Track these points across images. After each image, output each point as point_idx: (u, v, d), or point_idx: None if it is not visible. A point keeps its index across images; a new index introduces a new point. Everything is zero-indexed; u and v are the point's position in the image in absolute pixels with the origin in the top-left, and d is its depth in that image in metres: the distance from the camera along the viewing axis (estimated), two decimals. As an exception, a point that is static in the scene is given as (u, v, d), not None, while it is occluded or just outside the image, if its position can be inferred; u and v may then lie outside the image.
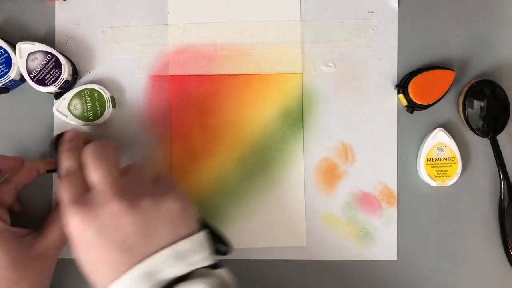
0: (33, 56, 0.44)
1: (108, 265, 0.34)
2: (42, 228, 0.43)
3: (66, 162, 0.39)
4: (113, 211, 0.34)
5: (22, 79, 0.45)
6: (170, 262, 0.34)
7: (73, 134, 0.42)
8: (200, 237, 0.36)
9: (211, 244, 0.37)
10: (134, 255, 0.34)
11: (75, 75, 0.46)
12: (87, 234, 0.34)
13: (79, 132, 0.43)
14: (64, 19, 0.47)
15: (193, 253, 0.35)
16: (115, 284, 0.33)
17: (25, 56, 0.44)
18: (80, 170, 0.38)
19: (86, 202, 0.35)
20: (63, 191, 0.36)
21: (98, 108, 0.45)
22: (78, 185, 0.37)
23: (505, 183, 0.45)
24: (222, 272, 0.36)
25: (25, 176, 0.42)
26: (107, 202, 0.35)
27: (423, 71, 0.44)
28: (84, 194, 0.36)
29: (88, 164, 0.37)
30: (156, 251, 0.34)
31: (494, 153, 0.45)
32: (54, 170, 0.44)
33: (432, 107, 0.45)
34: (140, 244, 0.34)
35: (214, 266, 0.36)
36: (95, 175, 0.36)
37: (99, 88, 0.45)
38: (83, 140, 0.41)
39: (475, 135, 0.46)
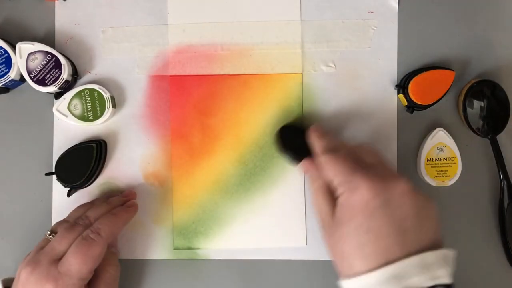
0: (33, 56, 0.44)
1: (383, 239, 0.34)
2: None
3: (328, 142, 0.40)
4: (401, 188, 0.35)
5: (22, 79, 0.45)
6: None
7: (318, 124, 0.43)
8: (444, 252, 0.35)
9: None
10: (408, 239, 0.34)
11: (75, 75, 0.46)
12: (374, 202, 0.35)
13: (320, 124, 0.44)
14: (64, 19, 0.47)
15: (438, 266, 0.34)
16: (387, 268, 0.33)
17: (25, 56, 0.44)
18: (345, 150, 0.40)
19: (372, 173, 0.36)
20: (339, 162, 0.37)
21: (98, 108, 0.45)
22: (352, 160, 0.38)
23: (505, 183, 0.45)
24: None
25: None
26: (396, 180, 0.36)
27: (423, 71, 0.44)
28: (364, 167, 0.37)
29: (363, 148, 0.40)
30: (422, 247, 0.34)
31: (494, 153, 0.45)
32: (53, 173, 0.44)
33: (432, 107, 0.45)
34: (414, 230, 0.34)
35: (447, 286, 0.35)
36: (376, 157, 0.39)
37: (99, 88, 0.45)
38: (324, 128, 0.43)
39: (475, 135, 0.46)
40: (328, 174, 0.38)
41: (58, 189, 0.46)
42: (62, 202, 0.46)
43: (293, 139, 0.43)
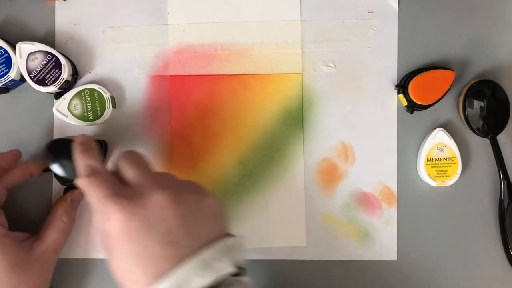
0: (33, 56, 0.44)
1: (150, 260, 0.32)
2: (39, 231, 0.42)
3: (88, 162, 0.37)
4: (158, 202, 0.33)
5: (22, 79, 0.45)
6: (219, 258, 0.33)
7: (85, 137, 0.40)
8: (239, 238, 0.36)
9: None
10: (177, 250, 0.33)
11: (75, 75, 0.46)
12: (131, 227, 0.33)
13: (88, 135, 0.41)
14: (64, 19, 0.47)
15: (237, 251, 0.35)
16: (161, 284, 0.31)
17: (25, 56, 0.44)
18: (106, 168, 0.38)
19: (127, 195, 0.34)
20: (93, 189, 0.35)
21: (98, 108, 0.45)
22: (110, 181, 0.36)
23: (505, 183, 0.45)
24: (248, 281, 0.35)
25: (18, 176, 0.42)
26: (151, 194, 0.34)
27: (423, 71, 0.44)
28: (121, 188, 0.35)
29: (123, 163, 0.37)
30: (196, 248, 0.33)
31: (494, 153, 0.45)
32: (49, 170, 0.44)
33: (432, 107, 0.45)
34: (182, 237, 0.33)
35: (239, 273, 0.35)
36: (133, 171, 0.36)
37: (99, 88, 0.45)
38: (94, 142, 0.40)
39: (475, 135, 0.46)
40: (89, 200, 0.36)
41: (59, 188, 0.46)
42: (62, 202, 0.46)
43: (64, 154, 0.40)
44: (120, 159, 0.38)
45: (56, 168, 0.41)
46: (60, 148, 0.41)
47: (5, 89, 0.46)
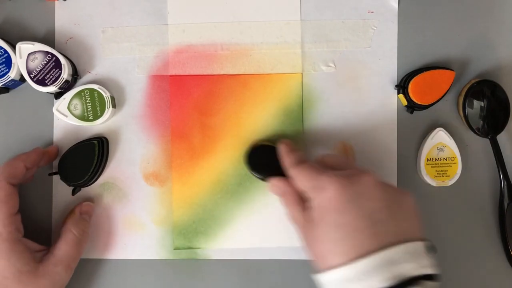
0: (33, 56, 0.44)
1: (357, 233, 0.34)
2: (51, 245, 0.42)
3: (295, 156, 0.41)
4: (368, 182, 0.36)
5: (22, 79, 0.45)
6: (410, 258, 0.34)
7: (286, 141, 0.43)
8: (428, 243, 0.36)
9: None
10: (383, 230, 0.34)
11: (75, 75, 0.46)
12: (342, 198, 0.35)
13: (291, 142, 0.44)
14: (64, 19, 0.47)
15: (427, 256, 0.35)
16: (357, 264, 0.33)
17: (25, 56, 0.44)
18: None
19: (337, 173, 0.37)
20: (305, 171, 0.39)
21: (98, 108, 0.45)
22: (317, 166, 0.39)
23: (505, 183, 0.45)
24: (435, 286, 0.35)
25: (28, 172, 0.43)
26: (361, 174, 0.37)
27: (423, 71, 0.44)
28: (329, 169, 0.38)
29: (332, 157, 0.41)
30: (401, 237, 0.34)
31: (494, 153, 0.45)
32: (57, 172, 0.44)
33: (432, 107, 0.45)
34: (387, 220, 0.35)
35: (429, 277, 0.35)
36: (342, 160, 0.41)
37: (99, 88, 0.45)
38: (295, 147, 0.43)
39: (475, 135, 0.46)
40: (299, 185, 0.39)
41: (59, 189, 0.46)
42: (63, 202, 0.46)
43: (263, 158, 0.44)
44: (328, 156, 0.42)
45: (256, 173, 0.44)
46: (259, 154, 0.44)
47: (5, 89, 0.46)
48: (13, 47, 0.44)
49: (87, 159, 0.44)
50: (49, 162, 0.45)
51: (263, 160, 0.44)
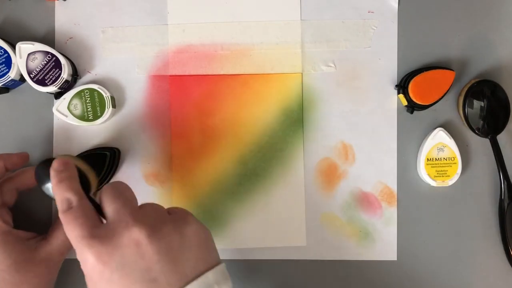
0: (33, 56, 0.44)
1: None
2: (47, 232, 0.42)
3: (64, 194, 0.35)
4: (134, 239, 0.32)
5: (22, 79, 0.45)
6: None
7: (61, 162, 0.36)
8: (222, 266, 0.35)
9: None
10: (161, 286, 0.32)
11: (75, 75, 0.46)
12: (106, 271, 0.31)
13: (67, 159, 0.37)
14: (64, 19, 0.47)
15: (219, 284, 0.33)
16: None
17: (25, 56, 0.44)
18: (84, 201, 0.35)
19: (101, 235, 0.32)
20: (70, 227, 0.33)
21: (98, 108, 0.45)
22: (86, 218, 0.33)
23: (505, 183, 0.45)
24: None
25: (30, 178, 0.41)
26: (126, 231, 0.32)
27: (423, 71, 0.44)
28: (96, 227, 0.33)
29: (104, 197, 0.35)
30: (183, 283, 0.32)
31: (494, 153, 0.45)
32: None
33: (432, 107, 0.45)
34: (165, 274, 0.32)
35: None
36: (111, 207, 0.34)
37: (99, 88, 0.45)
38: (74, 167, 0.37)
39: (475, 135, 0.46)
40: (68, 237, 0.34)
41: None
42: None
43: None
44: (102, 192, 0.35)
45: (46, 191, 0.38)
46: (46, 170, 0.37)
47: (5, 89, 0.46)
48: (13, 47, 0.44)
49: (96, 169, 0.43)
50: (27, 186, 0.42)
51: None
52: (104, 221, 0.35)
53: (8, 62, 0.44)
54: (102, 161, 0.44)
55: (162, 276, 0.32)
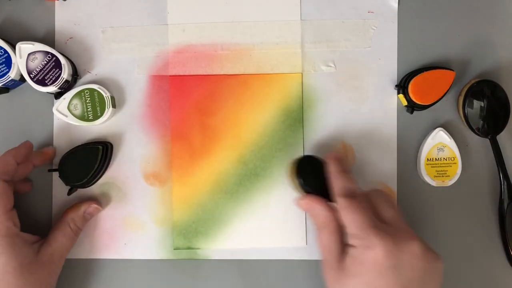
0: (33, 56, 0.44)
1: None
2: (47, 235, 0.43)
3: (346, 183, 0.40)
4: (414, 251, 0.36)
5: (22, 79, 0.45)
6: None
7: (339, 155, 0.42)
8: None
9: None
10: None
11: (75, 75, 0.46)
12: (386, 263, 0.35)
13: (341, 155, 0.44)
14: (64, 19, 0.47)
15: None
16: None
17: (25, 56, 0.44)
18: (362, 194, 0.40)
19: (387, 231, 0.37)
20: (357, 212, 0.37)
21: (98, 108, 0.45)
22: (370, 212, 0.38)
23: (505, 183, 0.45)
24: None
25: (21, 169, 0.42)
26: (409, 241, 0.36)
27: (423, 71, 0.44)
28: (380, 223, 0.38)
29: (382, 200, 0.39)
30: None
31: (494, 153, 0.45)
32: (56, 169, 0.44)
33: (432, 107, 0.45)
34: None
35: None
36: (392, 212, 0.39)
37: (99, 88, 0.45)
38: (346, 165, 0.42)
39: (475, 135, 0.46)
40: (344, 220, 0.38)
41: (58, 188, 0.46)
42: (62, 201, 0.46)
43: (311, 170, 0.42)
44: (380, 195, 0.40)
45: (304, 185, 0.42)
46: (310, 166, 0.42)
47: (5, 89, 0.46)
48: (13, 47, 0.44)
49: (89, 162, 0.44)
50: (45, 163, 0.45)
51: (313, 173, 0.42)
52: None
53: (8, 62, 0.44)
54: (95, 155, 0.44)
55: None
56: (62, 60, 0.44)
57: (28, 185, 0.45)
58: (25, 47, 0.44)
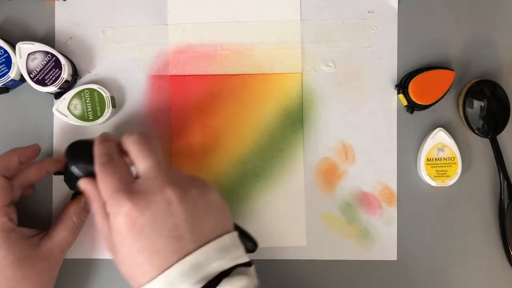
0: (33, 56, 0.44)
1: (158, 254, 0.34)
2: (49, 229, 0.43)
3: (104, 149, 0.38)
4: (167, 198, 0.34)
5: (22, 79, 0.45)
6: (217, 255, 0.34)
7: (106, 134, 0.40)
8: (236, 233, 0.37)
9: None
10: (184, 244, 0.34)
11: (75, 75, 0.46)
12: (139, 221, 0.34)
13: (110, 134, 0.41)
14: (64, 19, 0.47)
15: (234, 248, 0.36)
16: (165, 275, 0.33)
17: (25, 56, 0.44)
18: (122, 159, 0.37)
19: (136, 190, 0.35)
20: (106, 178, 0.36)
21: (98, 108, 0.45)
22: (123, 173, 0.36)
23: (505, 183, 0.45)
24: (253, 270, 0.37)
25: (34, 174, 0.42)
26: (161, 190, 0.35)
27: (423, 71, 0.44)
28: (131, 182, 0.36)
29: (135, 152, 0.37)
30: (204, 242, 0.34)
31: (494, 153, 0.45)
32: (62, 172, 0.44)
33: (432, 107, 0.45)
34: (189, 232, 0.34)
35: (247, 264, 0.36)
36: (145, 163, 0.36)
37: (99, 88, 0.45)
38: (114, 135, 0.40)
39: (475, 135, 0.46)
40: (100, 190, 0.36)
41: (58, 189, 0.46)
42: (62, 202, 0.46)
43: (86, 153, 0.39)
44: (132, 143, 0.37)
45: (74, 169, 0.40)
46: (80, 149, 0.40)
47: (5, 89, 0.46)
48: (13, 47, 0.44)
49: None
50: (58, 170, 0.44)
51: (85, 155, 0.39)
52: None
53: (8, 62, 0.44)
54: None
55: (187, 234, 0.34)
56: (62, 60, 0.44)
57: (31, 190, 0.45)
58: (25, 47, 0.44)
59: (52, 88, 0.44)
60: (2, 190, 0.40)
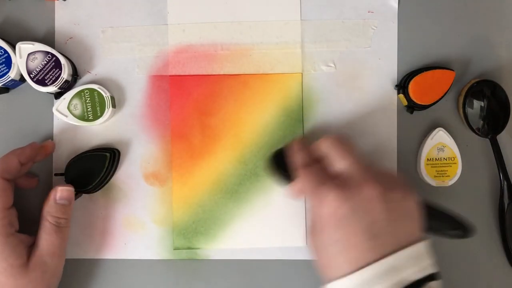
0: (33, 56, 0.44)
1: (354, 248, 0.34)
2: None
3: (301, 156, 0.40)
4: (368, 194, 0.35)
5: (22, 79, 0.45)
6: (412, 261, 0.34)
7: (299, 139, 0.42)
8: (428, 243, 0.36)
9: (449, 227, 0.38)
10: (380, 244, 0.34)
11: (75, 75, 0.46)
12: (340, 212, 0.35)
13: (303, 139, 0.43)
14: (64, 19, 0.47)
15: (427, 257, 0.35)
16: (360, 273, 0.33)
17: (25, 56, 0.44)
18: (318, 164, 0.39)
19: (338, 184, 0.36)
20: (310, 177, 0.38)
21: (98, 108, 0.45)
22: (321, 174, 0.38)
23: (505, 183, 0.45)
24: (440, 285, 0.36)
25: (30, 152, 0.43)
26: (362, 186, 0.35)
27: (423, 71, 0.44)
28: (331, 178, 0.37)
29: (334, 152, 0.38)
30: (400, 246, 0.34)
31: (494, 153, 0.45)
32: (62, 173, 0.44)
33: (432, 107, 0.45)
34: (386, 233, 0.35)
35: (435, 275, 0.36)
36: (345, 161, 0.38)
37: (99, 88, 0.45)
38: (304, 143, 0.42)
39: (475, 135, 0.46)
40: (303, 189, 0.39)
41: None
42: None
43: (285, 162, 0.42)
44: (328, 145, 0.39)
45: (282, 173, 0.42)
46: (281, 156, 0.42)
47: (5, 89, 0.46)
48: (13, 47, 0.44)
49: (95, 169, 0.44)
50: (45, 157, 0.44)
51: (285, 164, 0.42)
52: None
53: (8, 62, 0.44)
54: (102, 162, 0.44)
55: (382, 234, 0.34)
56: (62, 60, 0.44)
57: (34, 181, 0.45)
58: (25, 47, 0.44)
59: (52, 88, 0.44)
60: (3, 192, 0.39)
